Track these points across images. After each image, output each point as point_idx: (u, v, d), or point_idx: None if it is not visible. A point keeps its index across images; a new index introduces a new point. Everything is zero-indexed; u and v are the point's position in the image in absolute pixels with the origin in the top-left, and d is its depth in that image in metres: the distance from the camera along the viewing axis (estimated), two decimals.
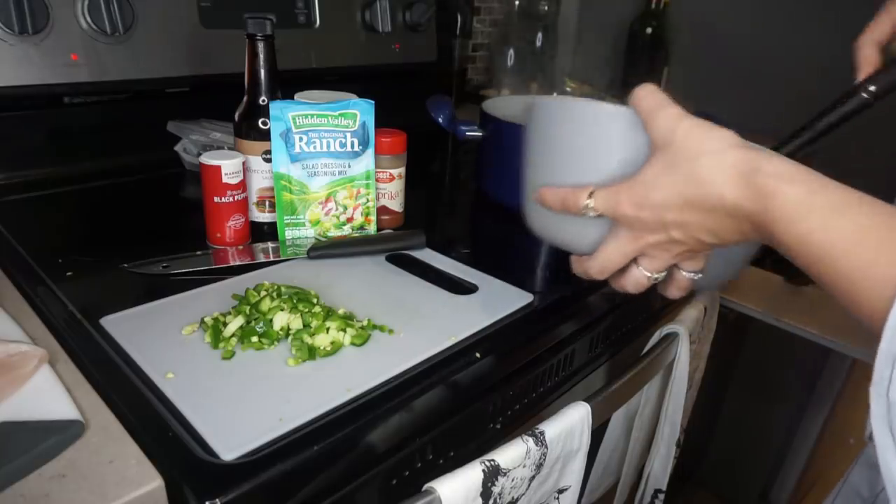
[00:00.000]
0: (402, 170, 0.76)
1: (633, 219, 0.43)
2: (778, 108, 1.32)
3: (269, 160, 0.70)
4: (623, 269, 0.47)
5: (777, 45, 1.36)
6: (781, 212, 0.35)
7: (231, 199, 0.66)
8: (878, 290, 0.31)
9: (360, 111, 0.68)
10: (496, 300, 0.61)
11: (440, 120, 0.86)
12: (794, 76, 1.33)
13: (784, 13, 1.33)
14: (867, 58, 0.63)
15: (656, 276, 0.46)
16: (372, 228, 0.74)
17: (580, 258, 0.50)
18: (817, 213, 0.34)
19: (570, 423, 0.56)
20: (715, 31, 1.44)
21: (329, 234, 0.72)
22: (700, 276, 0.47)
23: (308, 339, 0.51)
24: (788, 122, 0.61)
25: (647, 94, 0.42)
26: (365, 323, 0.55)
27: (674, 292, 0.49)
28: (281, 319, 0.53)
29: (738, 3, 1.40)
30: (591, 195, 0.44)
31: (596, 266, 0.47)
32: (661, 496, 0.89)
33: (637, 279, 0.47)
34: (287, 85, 0.72)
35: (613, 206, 0.43)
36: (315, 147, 0.69)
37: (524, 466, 0.52)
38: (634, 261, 0.46)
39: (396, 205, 0.77)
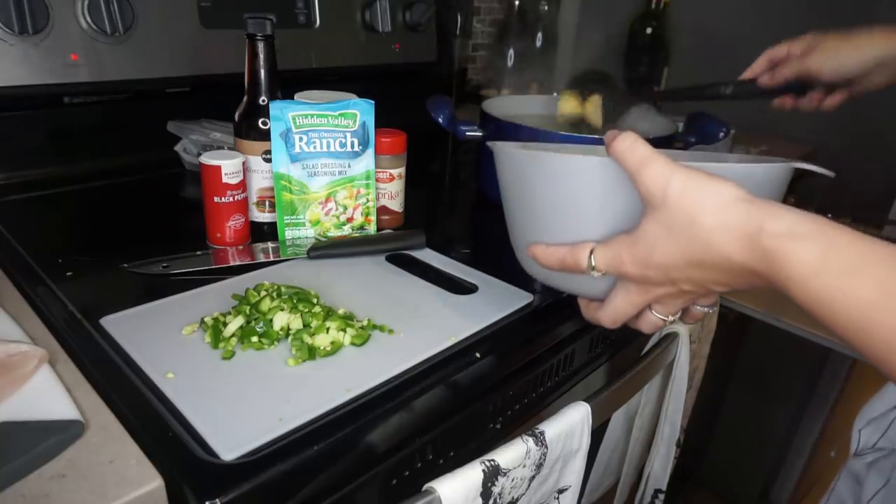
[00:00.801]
0: (402, 170, 0.76)
1: (639, 277, 0.42)
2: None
3: (269, 160, 0.70)
4: (637, 314, 0.46)
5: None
6: (793, 272, 0.33)
7: (231, 199, 0.66)
8: None
9: (360, 111, 0.68)
10: (496, 300, 0.61)
11: (440, 120, 0.86)
12: None
13: (784, 14, 1.33)
14: (754, 66, 0.75)
15: (671, 318, 0.46)
16: (372, 228, 0.74)
17: (590, 305, 0.49)
18: (834, 273, 0.32)
19: (570, 423, 0.56)
20: (715, 32, 1.44)
21: (329, 234, 0.72)
22: (715, 308, 0.46)
23: (308, 339, 0.51)
24: (788, 121, 0.61)
25: (629, 148, 0.40)
26: (365, 323, 0.55)
27: (689, 321, 0.49)
28: (281, 319, 0.53)
29: (739, 3, 1.40)
30: (591, 253, 0.43)
31: (607, 317, 0.47)
32: (661, 496, 0.89)
33: (652, 322, 0.46)
34: (287, 85, 0.72)
35: (617, 265, 0.42)
36: (315, 147, 0.69)
37: (524, 466, 0.52)
38: (648, 306, 0.45)
39: (396, 205, 0.77)
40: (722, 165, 0.40)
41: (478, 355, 0.54)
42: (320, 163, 0.69)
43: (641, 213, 0.41)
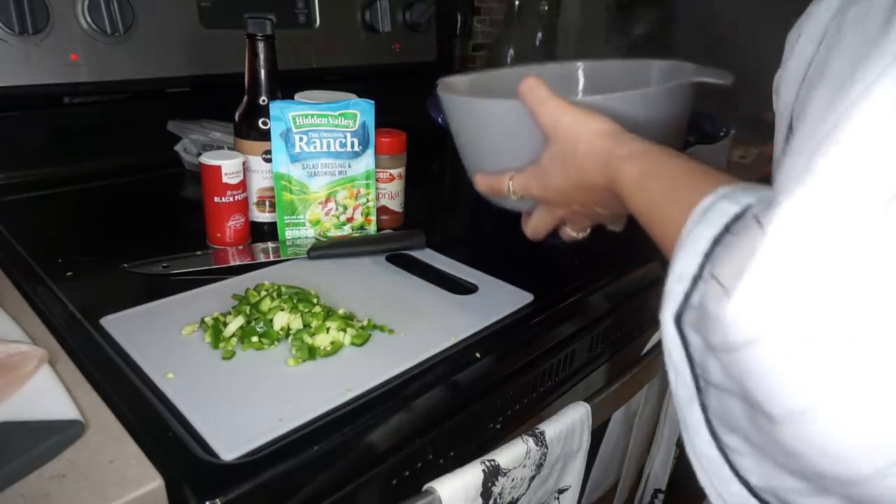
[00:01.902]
0: (402, 170, 0.76)
1: (542, 199, 0.50)
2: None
3: (269, 160, 0.70)
4: (555, 229, 0.55)
5: (778, 46, 1.35)
6: (623, 186, 0.41)
7: (231, 199, 0.66)
8: (674, 230, 0.35)
9: (360, 111, 0.68)
10: (496, 300, 0.61)
11: (440, 120, 0.86)
12: None
13: (784, 14, 1.33)
14: None
15: (582, 234, 0.54)
16: (372, 228, 0.74)
17: (524, 217, 0.56)
18: (647, 187, 0.40)
19: (571, 423, 0.56)
20: (718, 31, 1.44)
21: (329, 234, 0.72)
22: (619, 228, 0.53)
23: (308, 339, 0.51)
24: None
25: (530, 90, 0.46)
26: (365, 323, 0.55)
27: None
28: (281, 319, 0.53)
29: (739, 3, 1.39)
30: (510, 180, 0.51)
31: (529, 232, 0.55)
32: (661, 496, 0.89)
33: (568, 235, 0.54)
34: (287, 85, 0.72)
35: (526, 189, 0.50)
36: (315, 147, 0.69)
37: (524, 466, 0.52)
38: (562, 223, 0.54)
39: (396, 205, 0.77)
40: (612, 96, 0.48)
41: (478, 355, 0.54)
42: (320, 163, 0.69)
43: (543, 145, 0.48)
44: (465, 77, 0.66)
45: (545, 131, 0.46)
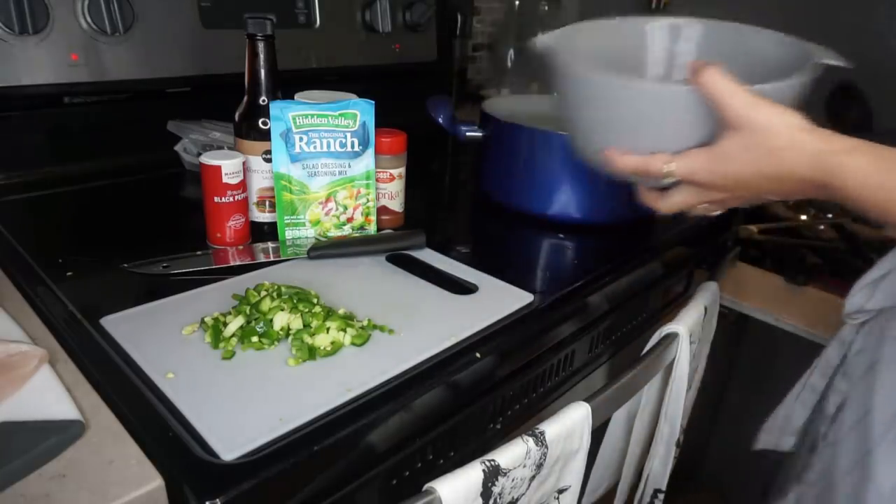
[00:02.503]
0: (402, 170, 0.76)
1: (706, 183, 0.51)
2: None
3: (269, 160, 0.70)
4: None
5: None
6: (849, 180, 0.44)
7: (231, 199, 0.66)
8: None
9: (360, 111, 0.68)
10: (496, 300, 0.61)
11: (440, 120, 0.86)
12: None
13: (783, 14, 1.33)
14: None
15: (717, 213, 0.57)
16: (372, 228, 0.74)
17: (649, 192, 0.57)
18: (882, 174, 0.43)
19: (571, 423, 0.56)
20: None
21: (329, 234, 0.72)
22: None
23: (308, 339, 0.51)
24: None
25: (712, 81, 0.47)
26: (365, 323, 0.55)
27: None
28: (281, 319, 0.53)
29: (738, 3, 1.39)
30: (668, 163, 0.51)
31: (664, 207, 0.56)
32: (661, 496, 0.89)
33: (698, 212, 0.57)
34: (287, 85, 0.72)
35: (691, 173, 0.51)
36: (315, 147, 0.69)
37: (524, 466, 0.52)
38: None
39: (396, 205, 0.77)
40: (781, 84, 0.49)
41: (478, 355, 0.54)
42: (320, 163, 0.69)
43: (716, 133, 0.49)
44: (557, 34, 0.65)
45: (732, 121, 0.47)
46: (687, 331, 0.73)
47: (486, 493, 0.48)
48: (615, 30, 0.66)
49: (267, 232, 0.74)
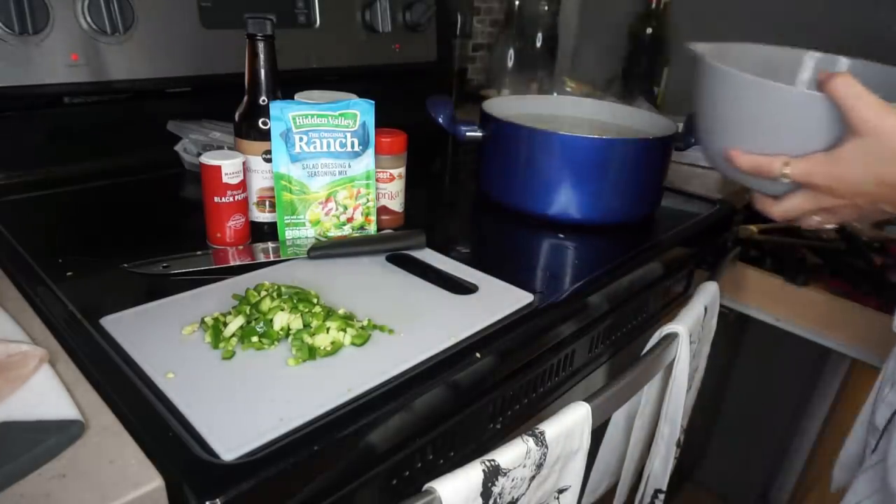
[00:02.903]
0: (402, 170, 0.76)
1: (823, 188, 0.52)
2: None
3: (269, 160, 0.70)
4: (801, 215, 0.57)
5: (777, 45, 1.36)
6: None
7: (231, 199, 0.66)
8: None
9: (360, 111, 0.68)
10: (496, 300, 0.61)
11: (440, 120, 0.86)
12: None
13: (783, 13, 1.33)
14: None
15: (831, 226, 0.58)
16: (372, 228, 0.74)
17: (764, 198, 0.58)
18: None
19: (571, 423, 0.56)
20: (715, 32, 1.44)
21: (329, 234, 0.72)
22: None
23: (308, 339, 0.51)
24: None
25: (844, 86, 0.47)
26: (365, 323, 0.55)
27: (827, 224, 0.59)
28: (281, 319, 0.53)
29: (738, 3, 1.40)
30: (786, 164, 0.53)
31: (778, 212, 0.57)
32: (661, 496, 0.89)
33: (813, 224, 0.57)
34: (287, 85, 0.72)
35: (807, 176, 0.52)
36: (315, 147, 0.69)
37: (524, 466, 0.52)
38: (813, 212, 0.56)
39: (396, 205, 0.77)
40: None
41: (478, 355, 0.54)
42: (320, 163, 0.69)
43: (839, 138, 0.50)
44: (711, 45, 0.66)
45: (857, 126, 0.48)
46: (687, 331, 0.73)
47: (486, 493, 0.48)
48: (764, 55, 0.70)
49: (267, 232, 0.74)
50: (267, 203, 0.73)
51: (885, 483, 0.59)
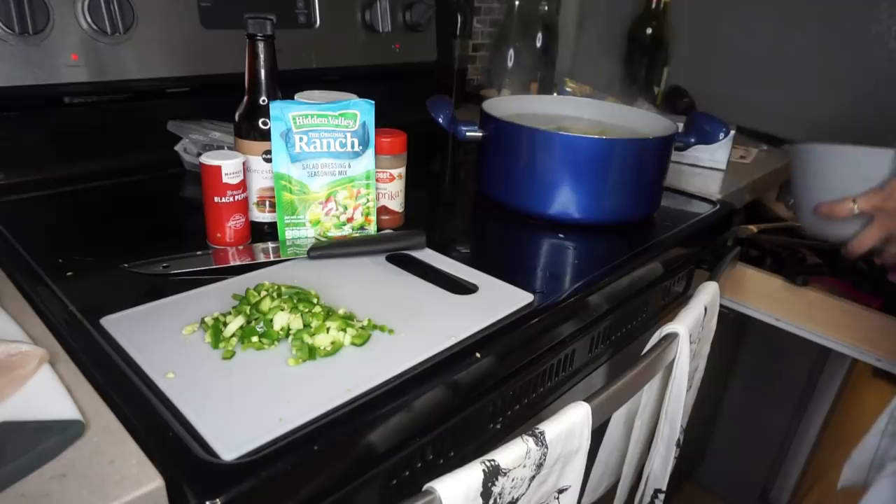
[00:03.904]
0: (402, 170, 0.76)
1: (888, 211, 0.70)
2: (777, 108, 1.32)
3: (269, 160, 0.70)
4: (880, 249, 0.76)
5: (776, 46, 1.36)
6: None
7: (231, 199, 0.66)
8: None
9: (360, 111, 0.68)
10: (496, 300, 0.61)
11: (440, 120, 0.86)
12: (793, 77, 1.33)
13: (782, 13, 1.33)
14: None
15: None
16: (372, 228, 0.74)
17: (847, 246, 0.77)
18: None
19: (570, 423, 0.56)
20: (714, 32, 1.44)
21: (329, 234, 0.72)
22: None
23: (308, 339, 0.51)
24: (787, 123, 0.62)
25: None
26: (365, 323, 0.55)
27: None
28: (281, 319, 0.53)
29: (738, 3, 1.40)
30: (853, 202, 0.73)
31: (858, 246, 0.75)
32: (661, 496, 0.89)
33: (888, 255, 0.76)
34: (287, 85, 0.72)
35: (873, 205, 0.71)
36: (315, 147, 0.69)
37: (524, 466, 0.52)
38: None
39: (396, 205, 0.77)
40: None
41: (478, 355, 0.54)
42: (320, 163, 0.69)
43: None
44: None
45: None
46: (687, 331, 0.73)
47: (486, 493, 0.48)
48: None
49: (267, 232, 0.74)
50: (267, 203, 0.73)
51: None
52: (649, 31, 1.43)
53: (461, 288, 0.64)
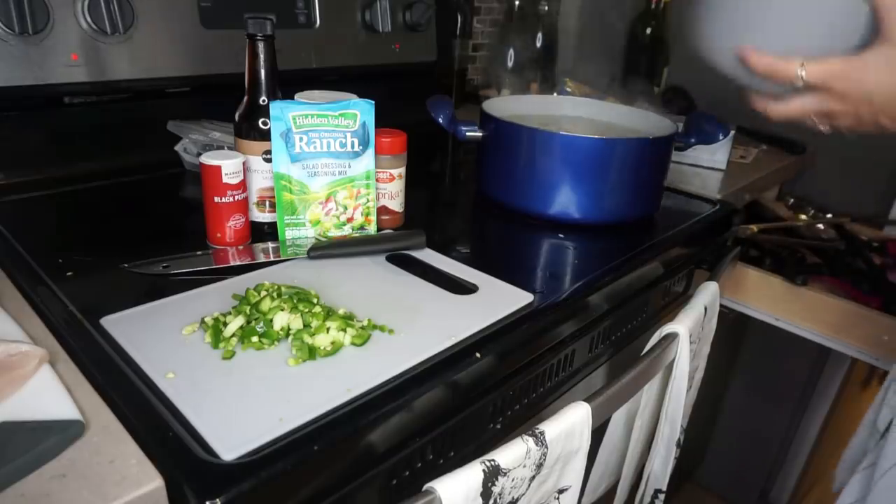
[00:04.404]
0: (402, 170, 0.76)
1: (836, 93, 0.50)
2: None
3: (269, 160, 0.70)
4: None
5: None
6: None
7: (231, 199, 0.66)
8: None
9: (360, 111, 0.68)
10: (496, 300, 0.61)
11: (440, 120, 0.86)
12: None
13: None
14: None
15: (826, 129, 0.54)
16: (372, 228, 0.74)
17: (761, 98, 0.56)
18: None
19: (571, 423, 0.56)
20: None
21: (329, 234, 0.72)
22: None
23: (308, 339, 0.51)
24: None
25: None
26: (365, 323, 0.55)
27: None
28: (281, 319, 0.53)
29: None
30: (801, 66, 0.50)
31: (779, 112, 0.55)
32: (661, 496, 0.89)
33: (808, 125, 0.55)
34: (287, 85, 0.72)
35: (824, 79, 0.50)
36: (315, 147, 0.69)
37: (524, 466, 0.52)
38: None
39: (396, 205, 0.77)
40: None
41: (478, 355, 0.54)
42: (320, 163, 0.69)
43: (859, 45, 0.48)
44: None
45: (888, 32, 0.46)
46: (687, 331, 0.73)
47: (486, 493, 0.48)
48: None
49: (267, 232, 0.74)
50: (267, 203, 0.73)
51: (867, 491, 0.60)
52: (649, 31, 1.43)
53: (461, 288, 0.64)
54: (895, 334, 0.88)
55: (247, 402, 0.45)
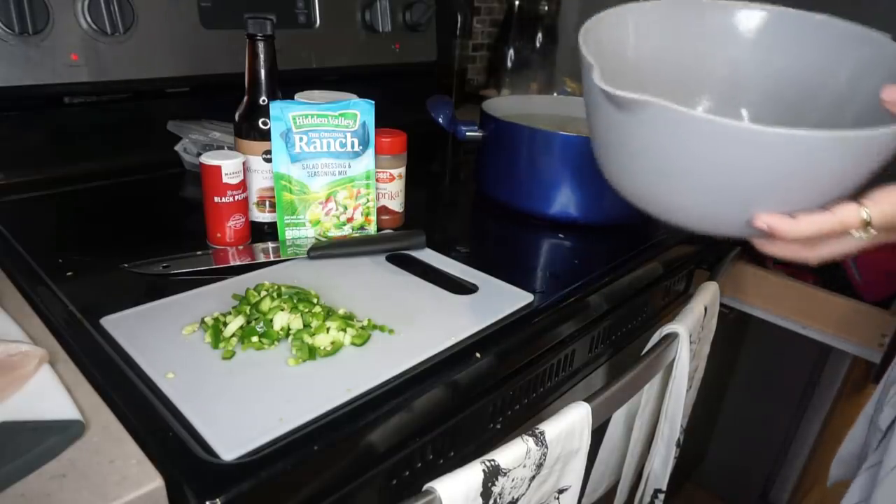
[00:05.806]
0: (402, 170, 0.76)
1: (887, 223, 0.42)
2: None
3: (269, 160, 0.70)
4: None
5: None
6: None
7: (231, 199, 0.66)
8: None
9: (360, 111, 0.68)
10: (496, 300, 0.61)
11: (440, 120, 0.86)
12: None
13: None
14: None
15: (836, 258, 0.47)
16: (372, 228, 0.74)
17: (789, 244, 0.45)
18: None
19: (571, 423, 0.56)
20: None
21: (329, 234, 0.72)
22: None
23: (308, 339, 0.51)
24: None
25: None
26: (365, 323, 0.55)
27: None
28: (281, 319, 0.53)
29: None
30: (862, 205, 0.41)
31: (818, 257, 0.46)
32: (661, 496, 0.89)
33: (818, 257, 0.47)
34: (287, 85, 0.72)
35: (885, 218, 0.42)
36: (315, 147, 0.69)
37: (524, 466, 0.52)
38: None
39: (396, 205, 0.77)
40: None
41: (478, 355, 0.54)
42: (320, 163, 0.69)
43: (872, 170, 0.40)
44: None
45: None
46: (687, 331, 0.73)
47: (486, 493, 0.48)
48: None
49: (267, 232, 0.74)
50: (267, 203, 0.73)
51: (872, 490, 0.60)
52: None
53: (461, 288, 0.64)
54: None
55: (247, 402, 0.45)
